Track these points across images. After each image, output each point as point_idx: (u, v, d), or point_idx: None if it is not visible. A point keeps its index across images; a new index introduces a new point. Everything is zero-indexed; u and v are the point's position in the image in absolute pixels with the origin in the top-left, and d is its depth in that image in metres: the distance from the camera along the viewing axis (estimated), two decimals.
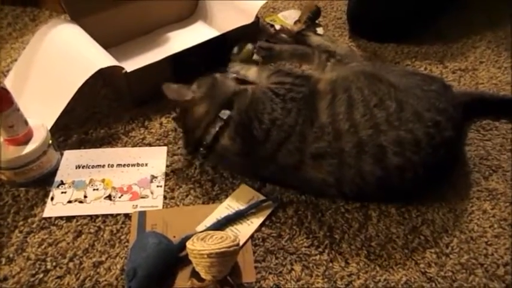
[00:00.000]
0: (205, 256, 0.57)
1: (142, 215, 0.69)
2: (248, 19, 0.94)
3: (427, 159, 0.65)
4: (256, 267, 0.63)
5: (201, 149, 0.73)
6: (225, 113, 0.71)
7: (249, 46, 0.91)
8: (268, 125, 0.68)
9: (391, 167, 0.64)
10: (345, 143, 0.65)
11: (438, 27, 1.08)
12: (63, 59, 0.85)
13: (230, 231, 0.66)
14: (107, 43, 0.92)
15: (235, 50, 0.91)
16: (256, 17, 0.95)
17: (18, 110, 0.70)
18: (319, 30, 1.09)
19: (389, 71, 0.77)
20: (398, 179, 0.65)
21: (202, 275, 0.59)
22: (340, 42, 0.98)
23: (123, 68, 0.81)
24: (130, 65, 0.84)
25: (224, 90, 0.75)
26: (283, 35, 1.05)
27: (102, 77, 0.92)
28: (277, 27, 1.10)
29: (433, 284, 0.62)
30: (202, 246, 0.58)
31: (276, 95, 0.71)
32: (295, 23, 1.08)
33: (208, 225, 0.67)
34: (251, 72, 0.80)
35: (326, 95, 0.70)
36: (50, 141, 0.75)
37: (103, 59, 0.82)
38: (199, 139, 0.73)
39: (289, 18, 1.15)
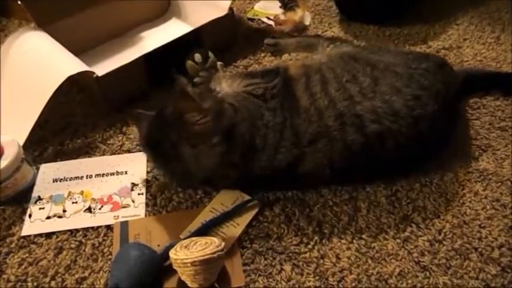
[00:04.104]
0: (189, 265, 0.55)
1: (124, 225, 0.67)
2: (222, 13, 0.91)
3: (408, 129, 0.66)
4: (245, 271, 0.61)
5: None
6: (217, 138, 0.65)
7: (211, 55, 0.88)
8: (264, 130, 0.66)
9: (372, 135, 0.65)
10: (328, 118, 0.66)
11: (418, 6, 1.05)
12: (31, 69, 0.82)
13: (216, 236, 0.64)
14: (79, 48, 0.90)
15: (198, 57, 0.86)
16: (230, 8, 0.92)
17: None
18: (300, 10, 1.06)
19: (384, 52, 0.78)
20: (381, 146, 0.65)
21: (189, 283, 0.57)
22: None
23: (93, 73, 0.78)
24: (104, 68, 0.81)
25: (227, 115, 0.66)
26: (281, 26, 1.03)
27: (76, 84, 0.89)
28: (264, 19, 1.07)
29: (427, 273, 0.60)
30: (185, 255, 0.56)
31: (256, 97, 0.70)
32: (287, 10, 1.05)
33: (192, 230, 0.64)
34: (224, 86, 0.77)
35: (300, 80, 0.71)
36: (23, 156, 0.72)
37: (72, 65, 0.78)
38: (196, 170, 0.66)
39: (267, 8, 1.12)
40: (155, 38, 1.00)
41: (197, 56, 0.86)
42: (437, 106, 0.67)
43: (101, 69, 0.81)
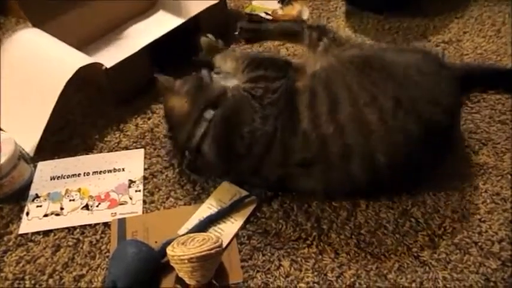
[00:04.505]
0: (186, 261, 0.54)
1: (122, 222, 0.66)
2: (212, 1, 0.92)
3: (420, 152, 0.62)
4: (243, 267, 0.61)
5: (187, 155, 0.69)
6: (210, 113, 0.66)
7: (210, 36, 0.88)
8: (249, 139, 0.63)
9: (382, 165, 0.61)
10: (331, 145, 0.61)
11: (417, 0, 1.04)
12: (38, 66, 0.82)
13: (213, 232, 0.64)
14: (74, 46, 0.88)
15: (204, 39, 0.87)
16: None
17: None
18: (297, 5, 1.05)
19: (384, 51, 0.74)
20: (389, 176, 0.62)
21: (186, 280, 0.57)
22: None
23: (102, 65, 0.78)
24: (105, 62, 0.80)
25: (208, 92, 0.69)
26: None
27: (77, 82, 0.88)
28: (262, 14, 1.06)
29: (427, 268, 0.59)
30: (182, 251, 0.55)
31: (253, 98, 0.66)
32: (285, 5, 1.04)
33: (190, 227, 0.64)
34: (228, 66, 0.76)
35: (304, 92, 0.65)
36: (20, 154, 0.71)
37: (80, 59, 0.78)
38: (185, 142, 0.68)
39: (265, 3, 1.11)
40: (147, 31, 1.00)
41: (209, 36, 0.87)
42: (449, 121, 0.65)
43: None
